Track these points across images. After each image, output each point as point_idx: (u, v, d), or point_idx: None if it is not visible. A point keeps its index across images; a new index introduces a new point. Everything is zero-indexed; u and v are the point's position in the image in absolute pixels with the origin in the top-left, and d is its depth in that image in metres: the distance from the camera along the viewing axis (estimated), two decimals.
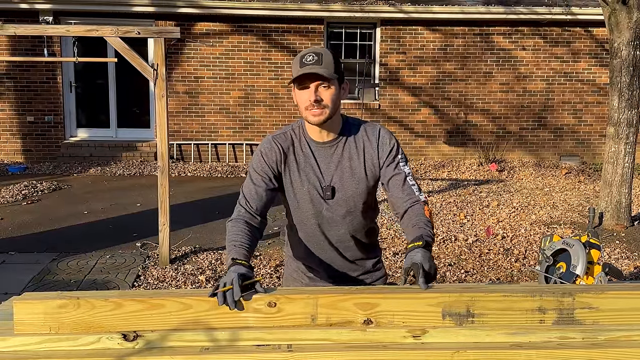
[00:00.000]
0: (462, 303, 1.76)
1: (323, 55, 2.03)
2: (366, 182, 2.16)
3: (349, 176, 2.15)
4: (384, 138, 2.16)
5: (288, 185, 2.18)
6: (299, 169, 2.15)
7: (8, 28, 5.38)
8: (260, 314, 1.76)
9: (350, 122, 2.20)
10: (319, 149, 2.16)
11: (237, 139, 11.06)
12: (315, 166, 2.15)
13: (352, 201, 2.16)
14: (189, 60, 10.82)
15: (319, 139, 2.15)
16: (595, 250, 2.93)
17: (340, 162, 2.15)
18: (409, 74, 11.18)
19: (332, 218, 2.18)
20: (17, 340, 1.71)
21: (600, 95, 11.35)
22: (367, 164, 2.15)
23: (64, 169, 10.16)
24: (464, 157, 11.36)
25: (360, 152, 2.15)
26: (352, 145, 2.15)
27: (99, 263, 5.61)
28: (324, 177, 2.15)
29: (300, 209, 2.20)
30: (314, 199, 2.16)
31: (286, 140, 2.17)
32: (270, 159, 2.15)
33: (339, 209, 2.17)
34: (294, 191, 2.18)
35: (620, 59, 6.80)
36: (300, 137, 2.17)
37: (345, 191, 2.15)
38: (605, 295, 1.81)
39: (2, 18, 9.87)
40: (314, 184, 2.15)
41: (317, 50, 2.04)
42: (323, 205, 2.16)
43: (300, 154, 2.16)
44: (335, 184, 2.15)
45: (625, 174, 6.89)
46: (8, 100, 10.66)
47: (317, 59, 2.01)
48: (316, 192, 2.15)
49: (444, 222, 7.09)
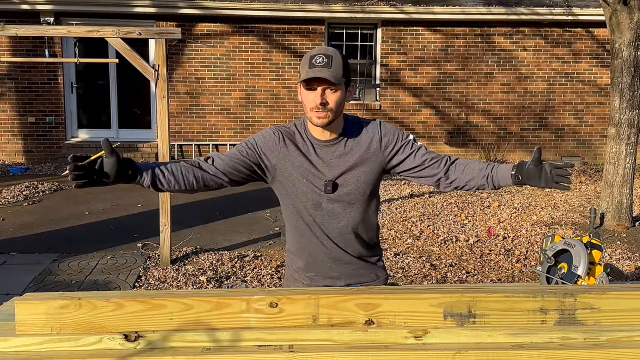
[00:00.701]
0: (463, 303, 1.76)
1: (333, 57, 2.03)
2: (368, 177, 2.17)
3: (350, 172, 2.16)
4: (386, 128, 2.19)
5: (286, 176, 2.17)
6: (299, 162, 2.16)
7: (9, 29, 5.38)
8: (262, 314, 1.76)
9: (351, 120, 2.21)
10: (320, 146, 2.16)
11: (238, 139, 11.05)
12: (317, 161, 2.16)
13: (353, 195, 2.17)
14: (189, 61, 10.82)
15: (321, 137, 2.16)
16: (597, 251, 2.92)
17: (341, 158, 2.15)
18: (410, 74, 11.18)
19: (333, 210, 2.18)
20: (19, 340, 1.71)
21: (602, 95, 11.35)
22: (369, 159, 2.16)
23: (65, 169, 10.16)
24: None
25: (363, 147, 2.16)
26: (354, 142, 2.16)
27: (100, 264, 5.61)
28: (324, 174, 2.15)
29: (299, 200, 2.19)
30: (315, 190, 2.16)
31: (289, 133, 2.18)
32: (267, 142, 2.16)
33: (340, 202, 2.17)
34: (292, 182, 2.17)
35: (622, 60, 6.79)
36: (303, 133, 2.18)
37: (347, 186, 2.16)
38: (606, 296, 1.81)
39: (3, 19, 9.88)
40: (314, 180, 2.15)
41: (327, 52, 2.04)
42: (323, 197, 2.17)
43: (303, 147, 2.17)
44: (337, 179, 2.15)
45: (627, 174, 6.89)
46: (9, 101, 10.67)
47: (326, 61, 2.01)
48: (316, 187, 2.16)
49: (445, 222, 7.08)
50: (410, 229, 6.78)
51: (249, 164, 2.15)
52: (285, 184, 2.19)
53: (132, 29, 5.37)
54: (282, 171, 2.17)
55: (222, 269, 5.45)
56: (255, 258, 5.75)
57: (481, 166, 2.18)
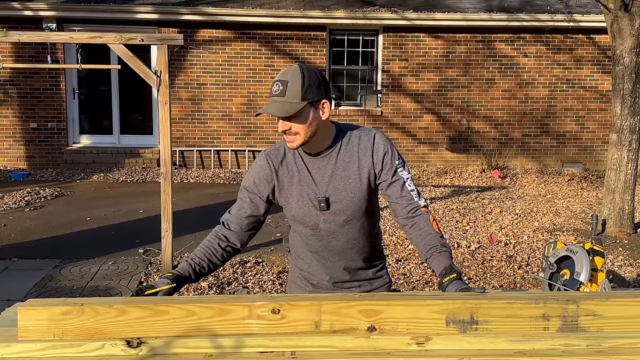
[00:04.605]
0: (465, 310, 1.75)
1: (289, 83, 1.97)
2: (362, 190, 2.14)
3: (343, 185, 2.13)
4: (379, 144, 2.13)
5: (283, 200, 2.19)
6: (293, 183, 2.16)
7: (12, 35, 5.40)
8: (264, 320, 1.75)
9: (343, 129, 2.17)
10: (312, 160, 2.15)
11: (240, 145, 11.07)
12: (309, 178, 2.15)
13: (349, 210, 2.15)
14: (192, 67, 10.85)
15: (310, 150, 2.14)
16: (599, 258, 2.91)
17: (334, 172, 2.13)
18: (412, 80, 11.20)
19: (331, 229, 2.17)
20: (21, 346, 1.71)
21: (603, 102, 11.35)
22: (362, 171, 2.13)
23: (66, 175, 10.18)
24: (467, 164, 11.36)
25: (355, 159, 2.13)
26: (346, 154, 2.13)
27: (101, 269, 5.61)
28: (318, 189, 2.14)
29: (298, 222, 2.20)
30: (310, 211, 2.15)
31: (278, 155, 2.18)
32: (261, 176, 2.19)
33: (337, 219, 2.15)
34: (290, 205, 2.18)
35: (623, 66, 6.80)
36: (293, 150, 2.15)
37: (341, 201, 2.14)
38: (609, 303, 1.81)
39: (6, 25, 9.92)
40: (309, 196, 2.14)
41: (284, 77, 2.00)
42: (320, 218, 2.16)
43: (294, 167, 2.16)
44: (330, 194, 2.13)
45: (628, 180, 6.88)
46: (11, 107, 10.70)
47: (281, 89, 1.98)
48: (311, 204, 2.15)
49: (446, 229, 7.08)
50: None
51: (260, 202, 2.21)
52: (284, 206, 2.22)
53: (134, 35, 5.39)
54: (280, 196, 2.20)
55: (224, 274, 5.44)
56: (257, 264, 5.75)
57: (427, 245, 2.07)
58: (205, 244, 2.22)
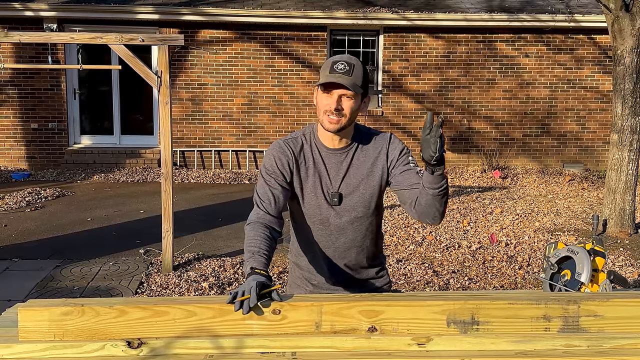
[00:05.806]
0: (466, 311, 1.75)
1: (355, 66, 2.05)
2: (374, 188, 2.17)
3: (356, 183, 2.16)
4: (394, 143, 2.20)
5: (297, 190, 2.19)
6: (308, 175, 2.17)
7: (13, 35, 5.40)
8: (265, 321, 1.75)
9: (362, 130, 2.21)
10: (329, 154, 2.17)
11: (241, 145, 11.07)
12: (324, 172, 2.16)
13: (360, 207, 2.18)
14: (192, 67, 10.85)
15: (330, 145, 2.16)
16: (600, 258, 2.91)
17: (349, 169, 2.16)
18: (412, 80, 11.19)
19: (340, 225, 2.19)
20: (22, 347, 1.71)
21: (604, 102, 11.35)
22: (375, 171, 2.16)
23: (67, 175, 10.18)
24: (468, 164, 11.35)
25: (370, 159, 2.17)
26: (362, 153, 2.17)
27: (102, 270, 5.61)
28: (332, 183, 2.16)
29: (307, 214, 2.20)
30: (322, 205, 2.17)
31: (297, 144, 2.18)
32: (282, 160, 2.16)
33: (346, 215, 2.18)
34: (303, 196, 2.18)
35: (624, 66, 6.79)
36: (311, 142, 2.18)
37: (352, 197, 2.16)
38: (610, 303, 1.81)
39: (7, 26, 9.92)
40: (322, 189, 2.16)
41: (349, 60, 2.06)
42: (331, 212, 2.17)
43: (310, 158, 2.17)
44: (343, 190, 2.16)
45: (629, 181, 6.88)
46: (12, 108, 10.70)
47: (347, 68, 2.03)
48: (324, 198, 2.16)
49: (447, 229, 7.08)
50: (412, 236, 6.77)
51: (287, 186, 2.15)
52: (297, 195, 2.20)
53: (135, 36, 5.39)
54: (296, 184, 2.19)
55: (225, 275, 5.44)
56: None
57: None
58: (260, 236, 2.04)
